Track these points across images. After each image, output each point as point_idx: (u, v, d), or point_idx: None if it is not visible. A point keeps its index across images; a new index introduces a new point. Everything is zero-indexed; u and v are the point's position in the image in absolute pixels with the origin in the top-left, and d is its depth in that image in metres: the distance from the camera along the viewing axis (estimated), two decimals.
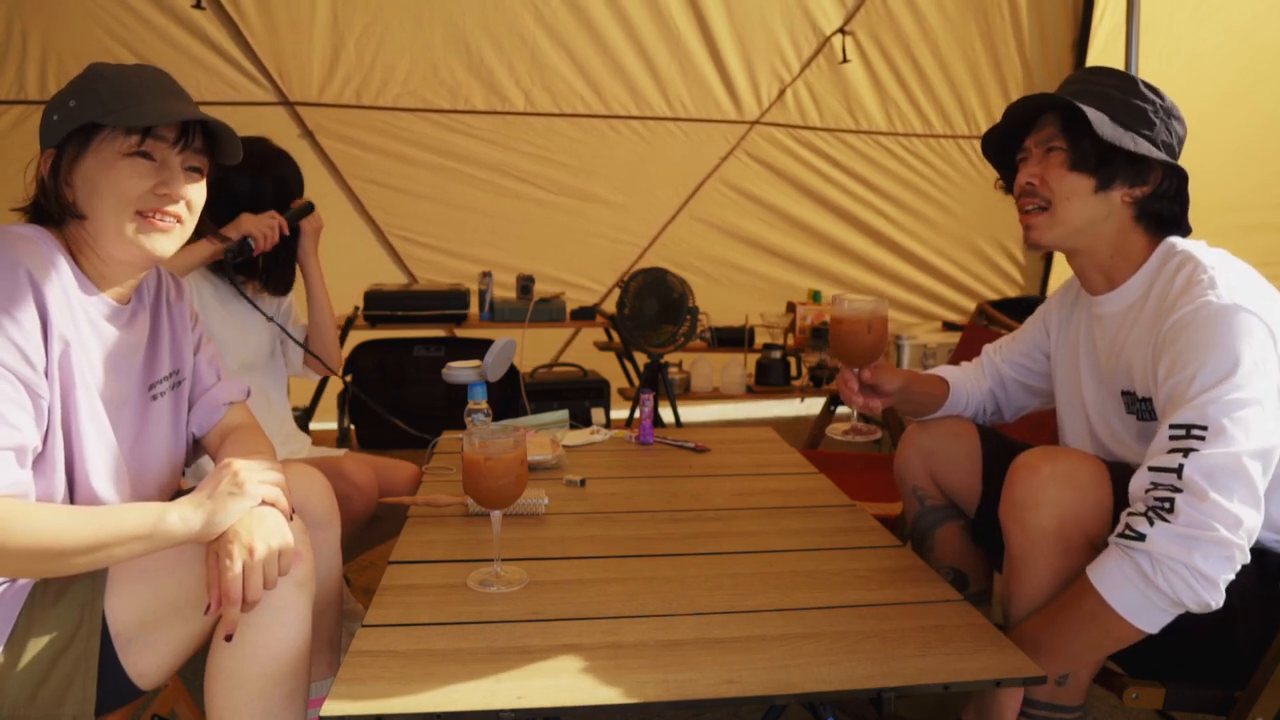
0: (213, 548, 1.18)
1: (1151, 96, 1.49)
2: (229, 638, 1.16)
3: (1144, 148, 1.44)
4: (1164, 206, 1.49)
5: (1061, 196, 1.50)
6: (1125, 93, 1.49)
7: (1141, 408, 1.48)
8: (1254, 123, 4.35)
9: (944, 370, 1.90)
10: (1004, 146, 1.63)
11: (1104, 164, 1.46)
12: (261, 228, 1.98)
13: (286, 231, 2.05)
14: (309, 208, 2.15)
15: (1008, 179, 1.65)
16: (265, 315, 2.07)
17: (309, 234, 2.17)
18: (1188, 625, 1.34)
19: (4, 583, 1.20)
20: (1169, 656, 1.42)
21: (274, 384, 2.20)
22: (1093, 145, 1.45)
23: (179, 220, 1.31)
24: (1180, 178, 1.48)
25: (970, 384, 1.87)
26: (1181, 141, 1.52)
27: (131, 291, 1.36)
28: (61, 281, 1.21)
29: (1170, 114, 1.50)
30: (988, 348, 1.92)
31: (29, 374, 1.15)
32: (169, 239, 1.30)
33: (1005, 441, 1.78)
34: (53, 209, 1.26)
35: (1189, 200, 1.49)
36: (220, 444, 1.49)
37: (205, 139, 1.33)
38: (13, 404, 1.13)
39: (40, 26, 3.48)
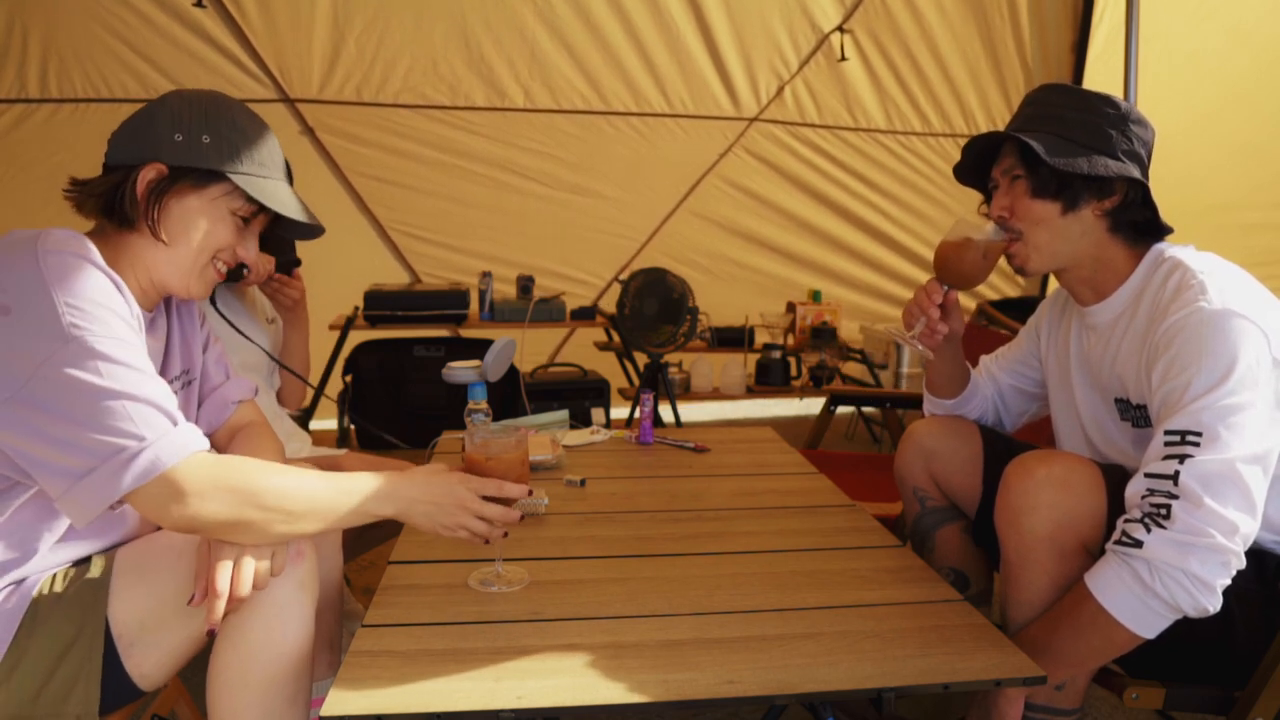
0: (207, 538, 1.19)
1: (1105, 108, 1.48)
2: (211, 634, 1.16)
3: (1100, 165, 1.44)
4: (1137, 214, 1.50)
5: (1031, 224, 1.51)
6: (1078, 109, 1.49)
7: (1136, 415, 1.49)
8: (1254, 122, 4.35)
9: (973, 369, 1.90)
10: (979, 174, 1.64)
11: (1065, 187, 1.47)
12: (262, 264, 1.99)
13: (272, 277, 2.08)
14: (296, 264, 2.15)
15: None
16: (242, 334, 2.04)
17: (290, 308, 2.17)
18: (1187, 626, 1.34)
19: (8, 586, 1.20)
20: (1169, 656, 1.42)
21: (273, 384, 2.20)
22: (1051, 171, 1.46)
23: (230, 269, 1.37)
24: (1142, 187, 1.49)
25: (983, 392, 1.88)
26: (1148, 144, 1.51)
27: (156, 302, 1.37)
28: (120, 286, 1.22)
29: (1128, 119, 1.49)
30: (984, 359, 1.92)
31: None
32: (212, 285, 1.36)
33: (1006, 442, 1.78)
34: (129, 218, 1.26)
35: (1156, 206, 1.50)
36: (229, 441, 1.49)
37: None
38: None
39: (41, 25, 3.49)
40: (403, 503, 1.26)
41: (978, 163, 1.62)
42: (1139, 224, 1.50)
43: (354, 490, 1.23)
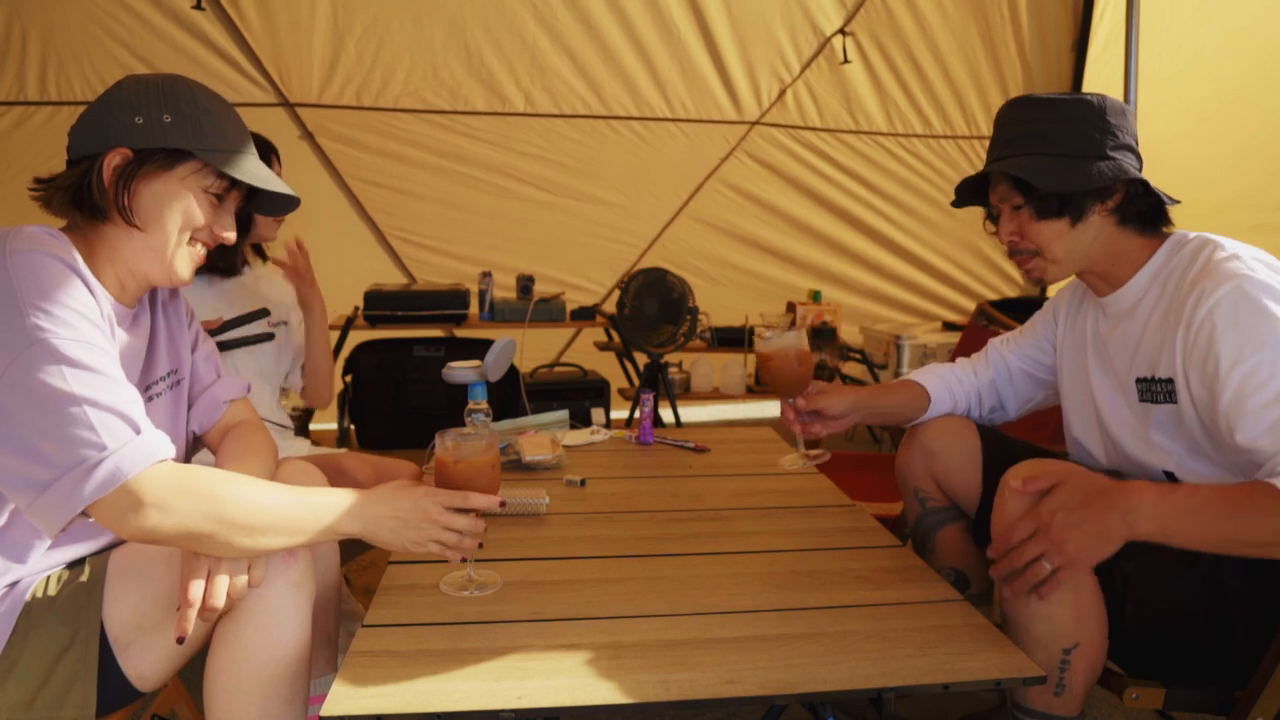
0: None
1: (1080, 111, 1.47)
2: (180, 640, 1.15)
3: (1095, 175, 1.44)
4: (1142, 204, 1.49)
5: (1045, 243, 1.52)
6: (1055, 121, 1.47)
7: (1158, 391, 1.46)
8: (1255, 123, 4.34)
9: (921, 376, 1.87)
10: (976, 194, 1.64)
11: (1067, 203, 1.47)
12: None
13: None
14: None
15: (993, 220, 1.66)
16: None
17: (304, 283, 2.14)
18: (1187, 626, 1.34)
19: (3, 587, 1.20)
20: (1169, 656, 1.41)
21: (274, 385, 2.20)
22: (1050, 192, 1.46)
23: (209, 249, 1.36)
24: (1140, 181, 1.48)
25: (958, 382, 1.85)
26: (1132, 130, 1.50)
27: (137, 297, 1.36)
28: (92, 286, 1.21)
29: (1105, 114, 1.47)
30: (994, 341, 1.91)
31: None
32: (195, 267, 1.34)
33: (1005, 441, 1.77)
34: (100, 208, 1.24)
35: (1157, 192, 1.50)
36: (221, 440, 1.48)
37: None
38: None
39: (40, 27, 3.49)
40: (368, 521, 1.24)
41: (972, 192, 1.63)
42: (1146, 212, 1.50)
43: (319, 506, 1.22)
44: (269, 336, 2.13)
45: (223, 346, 1.96)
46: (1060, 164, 1.45)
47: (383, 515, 1.25)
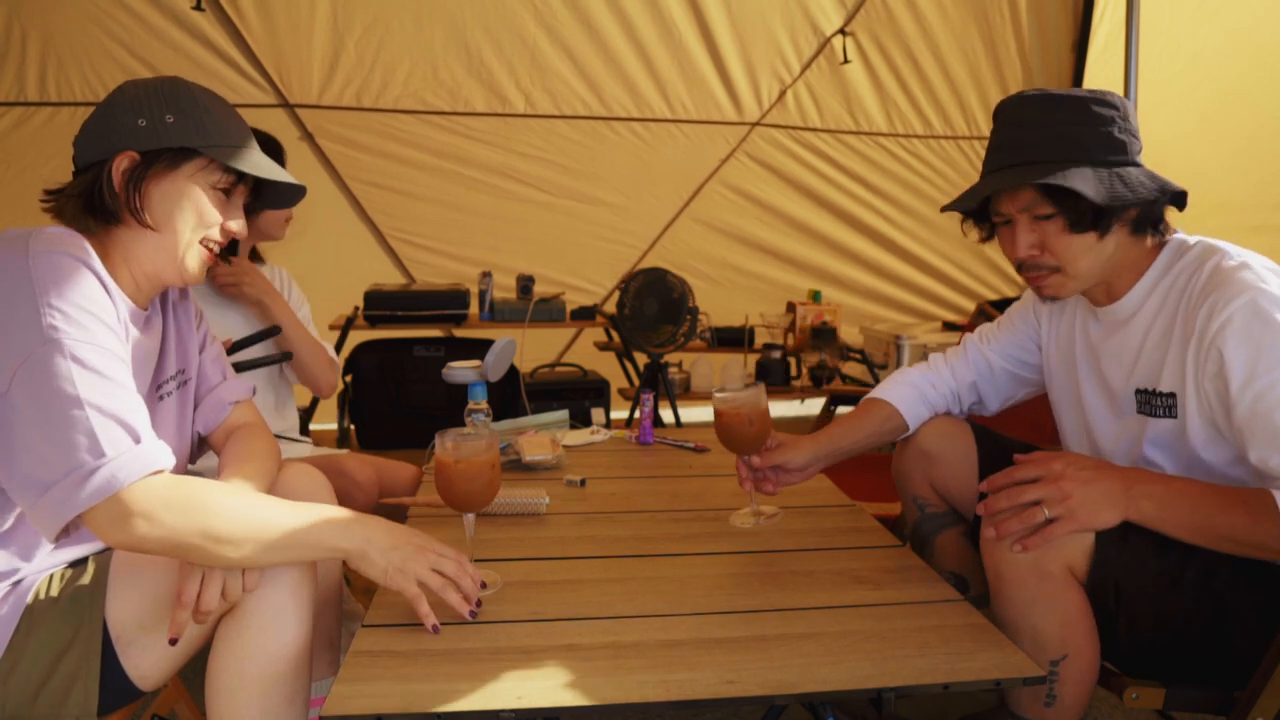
0: None
1: (1107, 111, 1.39)
2: (173, 641, 1.16)
3: (1139, 185, 1.37)
4: (1156, 211, 1.44)
5: (1071, 259, 1.43)
6: (1083, 124, 1.38)
7: (1158, 404, 1.44)
8: (1254, 123, 4.35)
9: (889, 391, 1.81)
10: (967, 197, 1.52)
11: (1100, 215, 1.39)
12: None
13: None
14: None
15: (979, 224, 1.58)
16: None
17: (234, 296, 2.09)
18: (1182, 635, 1.34)
19: (5, 585, 1.20)
20: (1169, 656, 1.41)
21: (279, 384, 2.19)
22: (1089, 204, 1.36)
23: (220, 246, 1.37)
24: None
25: (932, 387, 1.81)
26: (1136, 129, 1.44)
27: (151, 298, 1.37)
28: (109, 288, 1.22)
29: (1129, 116, 1.40)
30: (971, 338, 1.85)
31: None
32: (206, 264, 1.35)
33: (1001, 443, 1.75)
34: (112, 212, 1.25)
35: (1183, 201, 1.45)
36: (225, 442, 1.49)
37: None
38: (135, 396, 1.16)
39: (40, 28, 3.49)
40: (360, 540, 1.23)
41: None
42: (1156, 218, 1.45)
43: (311, 523, 1.21)
44: (287, 356, 2.13)
45: (240, 368, 1.96)
46: (1103, 176, 1.37)
47: (375, 536, 1.24)
